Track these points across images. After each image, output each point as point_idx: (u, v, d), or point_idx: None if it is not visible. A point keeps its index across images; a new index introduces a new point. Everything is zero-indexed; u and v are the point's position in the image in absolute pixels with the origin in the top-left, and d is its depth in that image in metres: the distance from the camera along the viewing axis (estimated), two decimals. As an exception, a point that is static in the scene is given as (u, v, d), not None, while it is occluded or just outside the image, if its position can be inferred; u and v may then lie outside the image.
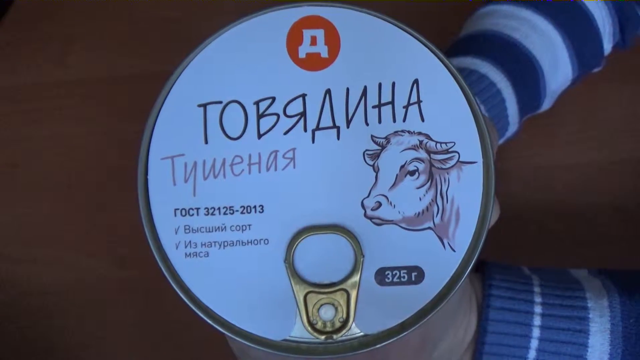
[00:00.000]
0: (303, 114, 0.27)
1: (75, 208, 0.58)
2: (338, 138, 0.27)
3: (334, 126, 0.27)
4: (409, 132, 0.27)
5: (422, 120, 0.27)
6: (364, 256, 0.27)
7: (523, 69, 0.49)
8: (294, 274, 0.27)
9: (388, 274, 0.27)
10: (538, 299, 0.37)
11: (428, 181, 0.27)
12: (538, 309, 0.37)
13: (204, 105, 0.27)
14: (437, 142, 0.27)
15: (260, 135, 0.27)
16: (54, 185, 0.59)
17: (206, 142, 0.27)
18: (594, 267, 0.41)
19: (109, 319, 0.53)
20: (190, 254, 0.27)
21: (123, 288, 0.54)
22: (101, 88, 0.64)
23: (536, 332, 0.37)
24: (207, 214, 0.27)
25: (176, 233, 0.27)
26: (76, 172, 0.59)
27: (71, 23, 0.68)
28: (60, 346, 0.52)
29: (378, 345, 0.27)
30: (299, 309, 0.27)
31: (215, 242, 0.27)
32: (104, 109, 0.63)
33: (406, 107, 0.27)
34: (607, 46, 0.53)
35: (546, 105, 0.53)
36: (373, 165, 0.27)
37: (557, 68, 0.51)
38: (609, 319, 0.37)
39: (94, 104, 0.63)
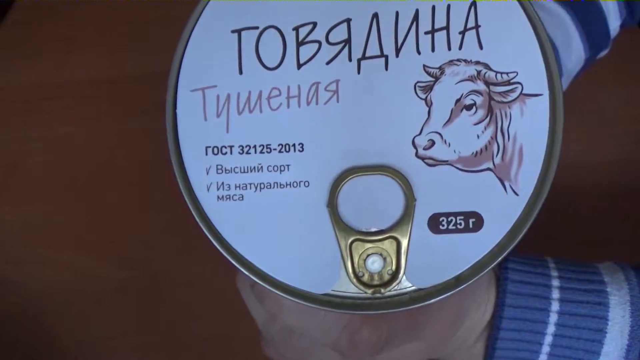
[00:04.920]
0: (347, 42, 0.24)
1: (76, 208, 0.58)
2: (386, 68, 0.24)
3: (382, 55, 0.24)
4: (465, 61, 0.25)
5: (481, 47, 0.24)
6: (415, 200, 0.24)
7: None
8: (338, 220, 0.24)
9: (443, 220, 0.24)
10: (555, 273, 0.36)
11: (487, 116, 0.25)
12: (556, 282, 0.35)
13: (239, 31, 0.24)
14: (497, 72, 0.24)
15: (300, 65, 0.24)
16: (54, 185, 0.59)
17: (241, 73, 0.24)
18: None
19: (109, 319, 0.53)
20: (223, 196, 0.24)
21: (123, 288, 0.54)
22: (101, 88, 0.64)
23: (555, 306, 0.35)
24: (242, 153, 0.24)
25: (207, 173, 0.24)
26: (76, 172, 0.59)
27: (72, 23, 0.68)
28: (60, 346, 0.52)
29: (431, 301, 0.24)
30: (343, 260, 0.24)
31: (250, 183, 0.24)
32: (105, 109, 0.63)
33: (462, 33, 0.24)
34: (615, 24, 0.52)
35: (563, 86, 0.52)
36: (425, 99, 0.24)
37: (571, 47, 0.50)
38: (627, 290, 0.35)
39: (95, 104, 0.63)
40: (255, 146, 0.24)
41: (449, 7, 0.24)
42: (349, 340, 0.28)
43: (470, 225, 0.24)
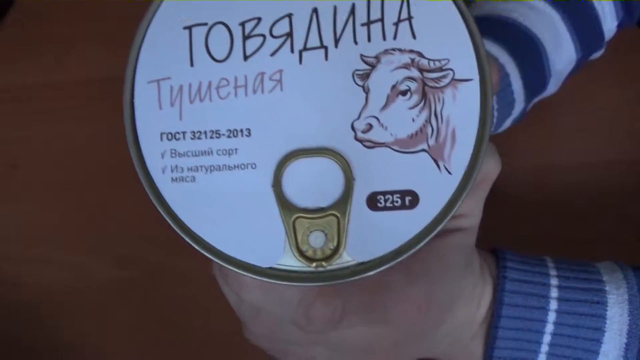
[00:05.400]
0: (289, 35, 0.26)
1: (75, 208, 0.58)
2: (326, 58, 0.26)
3: (322, 46, 0.26)
4: (400, 50, 0.26)
5: (414, 37, 0.26)
6: (354, 180, 0.26)
7: (524, 46, 0.49)
8: (282, 198, 0.26)
9: (380, 198, 0.26)
10: (553, 272, 0.36)
11: (421, 101, 0.26)
12: (554, 281, 0.36)
13: (189, 28, 0.27)
14: (429, 60, 0.26)
15: (246, 57, 0.26)
16: (54, 185, 0.59)
17: (192, 65, 0.26)
18: None
19: (109, 318, 0.53)
20: (176, 178, 0.26)
21: (123, 288, 0.54)
22: (101, 88, 0.64)
23: (554, 305, 0.35)
24: (194, 138, 0.26)
25: (162, 157, 0.26)
26: (76, 172, 0.60)
27: (71, 23, 0.69)
28: (60, 346, 0.52)
29: (370, 273, 0.26)
30: (287, 236, 0.26)
31: (201, 166, 0.26)
32: (104, 109, 0.61)
33: (396, 24, 0.26)
34: (611, 25, 0.53)
35: (552, 87, 0.52)
36: (363, 86, 0.26)
37: (561, 47, 0.50)
38: (626, 289, 0.35)
39: (94, 104, 0.63)
40: (205, 132, 0.26)
41: (382, 0, 0.26)
42: (304, 314, 0.29)
43: (407, 203, 0.26)
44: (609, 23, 0.53)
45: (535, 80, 0.50)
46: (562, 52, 0.51)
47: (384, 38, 0.26)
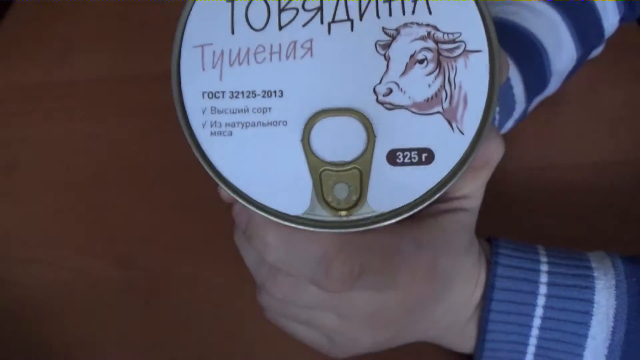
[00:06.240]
0: (320, 9, 0.30)
1: (76, 208, 0.57)
2: (352, 30, 0.30)
3: (348, 19, 0.30)
4: (417, 24, 0.30)
5: (430, 12, 0.30)
6: (376, 137, 0.29)
7: (524, 48, 0.50)
8: (310, 152, 0.29)
9: (399, 154, 0.29)
10: (544, 258, 0.38)
11: (436, 69, 0.29)
12: (544, 267, 0.37)
13: (232, 1, 0.30)
14: (444, 33, 0.30)
15: (281, 27, 0.30)
16: (54, 185, 0.59)
17: (233, 33, 0.30)
18: None
19: (109, 319, 0.52)
20: (215, 132, 0.29)
21: (123, 288, 0.53)
22: (101, 88, 0.64)
23: (543, 289, 0.37)
24: (232, 97, 0.29)
25: (203, 113, 0.29)
26: (76, 172, 0.59)
27: (72, 23, 0.69)
28: (59, 346, 0.51)
29: (390, 221, 0.29)
30: (314, 187, 0.29)
31: (238, 122, 0.29)
32: (104, 109, 0.63)
33: (414, 2, 0.30)
34: (614, 20, 0.54)
35: (553, 86, 0.54)
36: (384, 55, 0.30)
37: (561, 48, 0.52)
38: (613, 275, 0.37)
39: (94, 104, 0.63)
40: (243, 92, 0.30)
41: None
42: (325, 270, 0.31)
43: (423, 159, 0.29)
44: (611, 18, 0.54)
45: (536, 82, 0.52)
46: (562, 53, 0.52)
47: (404, 13, 0.30)
